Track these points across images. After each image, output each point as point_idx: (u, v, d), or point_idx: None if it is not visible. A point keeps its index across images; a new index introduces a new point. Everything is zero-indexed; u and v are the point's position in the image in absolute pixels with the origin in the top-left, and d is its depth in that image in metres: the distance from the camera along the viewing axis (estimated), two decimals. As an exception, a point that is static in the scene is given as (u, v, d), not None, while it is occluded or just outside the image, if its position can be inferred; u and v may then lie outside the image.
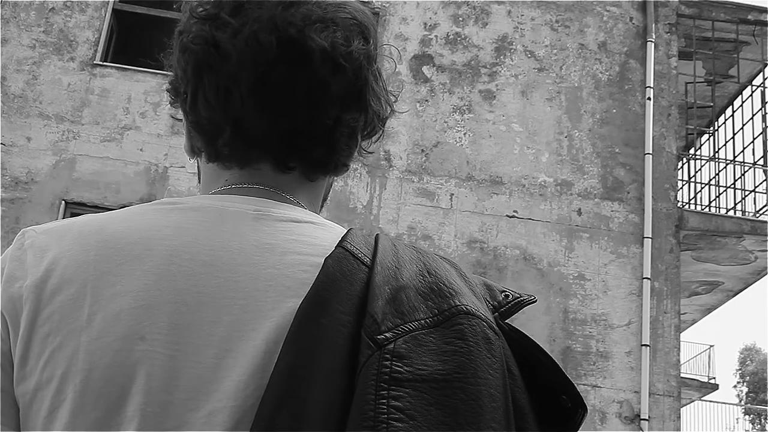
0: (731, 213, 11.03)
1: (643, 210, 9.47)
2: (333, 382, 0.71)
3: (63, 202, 9.21)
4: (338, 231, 0.86)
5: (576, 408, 0.81)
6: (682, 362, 10.11)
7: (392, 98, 0.95)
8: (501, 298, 0.85)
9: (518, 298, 0.86)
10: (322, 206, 0.98)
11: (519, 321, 8.98)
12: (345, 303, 0.75)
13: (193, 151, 0.94)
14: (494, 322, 0.79)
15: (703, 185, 11.77)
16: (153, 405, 0.74)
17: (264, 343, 0.76)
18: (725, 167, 11.50)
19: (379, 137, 0.96)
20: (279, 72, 0.85)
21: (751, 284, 11.35)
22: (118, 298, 0.77)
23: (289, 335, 0.74)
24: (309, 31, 0.85)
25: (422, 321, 0.74)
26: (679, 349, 9.21)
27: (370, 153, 0.97)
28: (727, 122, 12.15)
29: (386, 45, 1.01)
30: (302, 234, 0.84)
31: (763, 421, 33.75)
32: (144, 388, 0.74)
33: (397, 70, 9.79)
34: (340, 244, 0.81)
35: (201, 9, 0.89)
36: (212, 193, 0.90)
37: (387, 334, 0.73)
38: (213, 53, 0.86)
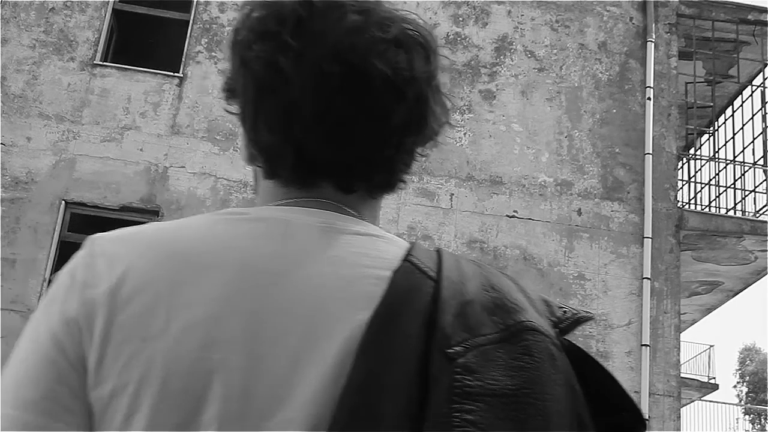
0: (731, 213, 11.03)
1: (643, 210, 9.47)
2: (404, 394, 0.72)
3: (63, 202, 9.21)
4: (402, 244, 0.87)
5: (635, 423, 0.83)
6: (682, 362, 10.12)
7: (448, 104, 0.95)
8: (560, 314, 0.85)
9: (576, 314, 0.86)
10: None
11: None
12: (413, 316, 0.76)
13: (252, 160, 0.94)
14: (557, 338, 0.80)
15: (703, 185, 11.77)
16: (229, 413, 0.75)
17: (335, 354, 0.77)
18: (725, 167, 11.50)
19: (434, 142, 0.96)
20: (342, 103, 0.85)
21: (751, 284, 11.35)
22: (192, 308, 0.78)
23: (360, 348, 0.75)
24: (372, 57, 0.84)
25: (489, 336, 0.76)
26: (679, 349, 9.21)
27: (424, 156, 0.98)
28: (727, 122, 12.15)
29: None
30: (368, 247, 0.84)
31: (763, 421, 33.74)
32: (220, 396, 0.75)
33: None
34: (406, 259, 0.82)
35: (261, 23, 0.88)
36: (276, 205, 0.90)
37: (457, 348, 0.74)
38: (275, 78, 0.85)
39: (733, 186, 11.28)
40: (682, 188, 11.91)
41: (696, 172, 12.10)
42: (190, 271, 0.80)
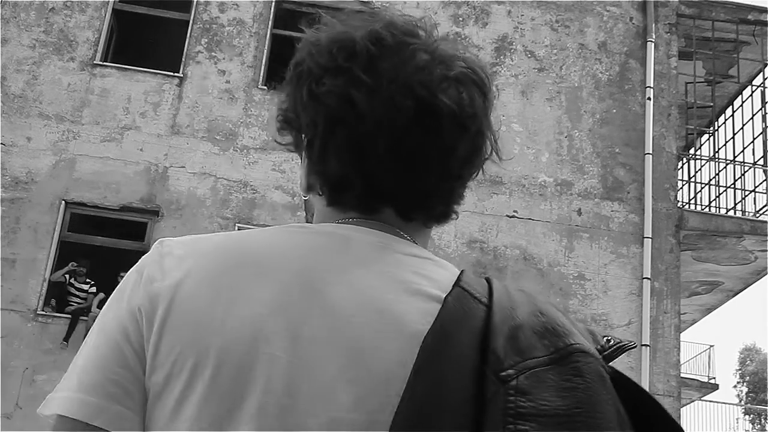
0: (731, 213, 11.03)
1: (643, 210, 9.47)
2: (460, 413, 0.77)
3: (63, 202, 9.21)
4: (453, 269, 0.91)
5: None
6: (682, 362, 10.12)
7: (493, 136, 1.01)
8: (603, 342, 0.89)
9: (619, 342, 0.90)
10: None
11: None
12: (467, 339, 0.81)
13: (311, 190, 0.97)
14: (603, 362, 0.85)
15: (703, 185, 11.77)
16: (273, 406, 0.79)
17: (385, 363, 0.81)
18: (725, 167, 11.50)
19: (480, 172, 1.03)
20: (414, 137, 0.90)
21: (751, 284, 11.35)
22: (248, 305, 0.83)
23: (417, 366, 0.79)
24: (440, 93, 0.90)
25: (540, 359, 0.79)
26: (679, 349, 9.21)
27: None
28: (727, 122, 12.15)
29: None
30: (422, 268, 0.89)
31: (763, 421, 33.74)
32: (265, 388, 0.80)
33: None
34: (457, 284, 0.86)
35: (331, 58, 0.91)
36: (338, 223, 0.94)
37: (509, 371, 0.78)
38: (348, 111, 0.89)
39: (733, 186, 11.28)
40: (682, 188, 11.91)
41: (696, 172, 12.11)
42: (250, 273, 0.85)
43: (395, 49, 0.91)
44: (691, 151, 13.18)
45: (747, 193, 11.17)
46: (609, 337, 0.89)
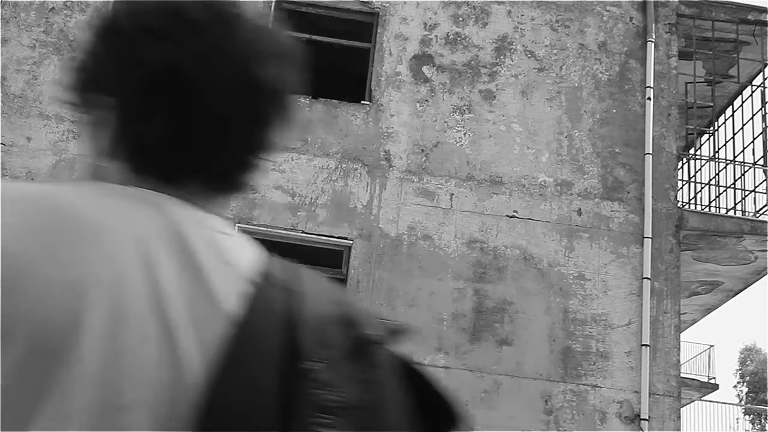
0: (731, 213, 11.03)
1: (643, 210, 9.47)
2: (267, 406, 0.78)
3: (63, 202, 9.20)
4: (260, 250, 0.92)
5: (454, 421, 0.93)
6: (682, 362, 10.11)
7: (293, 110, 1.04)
8: (384, 327, 0.93)
9: (394, 326, 0.94)
10: None
11: (520, 321, 8.99)
12: (271, 329, 0.82)
13: (110, 156, 0.91)
14: (392, 350, 0.89)
15: (703, 185, 11.77)
16: (88, 385, 0.76)
17: (198, 343, 0.80)
18: (725, 167, 11.50)
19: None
20: (233, 109, 0.89)
21: (751, 284, 11.35)
22: (65, 270, 0.78)
23: (222, 357, 0.79)
24: (263, 67, 0.91)
25: (341, 350, 0.83)
26: (679, 349, 9.21)
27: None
28: (727, 122, 12.15)
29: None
30: (234, 246, 0.89)
31: (763, 421, 33.73)
32: (80, 363, 0.76)
33: (397, 70, 9.80)
34: (264, 272, 0.87)
35: (157, 22, 0.88)
36: (150, 191, 0.90)
37: (313, 363, 0.80)
38: (170, 77, 0.87)
39: (733, 186, 11.28)
40: (682, 188, 11.91)
41: (696, 172, 12.11)
42: (70, 235, 0.79)
43: (223, 20, 0.90)
44: (691, 151, 13.18)
45: (747, 193, 11.17)
46: (383, 320, 0.93)
